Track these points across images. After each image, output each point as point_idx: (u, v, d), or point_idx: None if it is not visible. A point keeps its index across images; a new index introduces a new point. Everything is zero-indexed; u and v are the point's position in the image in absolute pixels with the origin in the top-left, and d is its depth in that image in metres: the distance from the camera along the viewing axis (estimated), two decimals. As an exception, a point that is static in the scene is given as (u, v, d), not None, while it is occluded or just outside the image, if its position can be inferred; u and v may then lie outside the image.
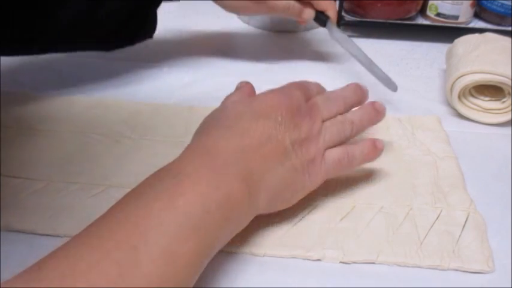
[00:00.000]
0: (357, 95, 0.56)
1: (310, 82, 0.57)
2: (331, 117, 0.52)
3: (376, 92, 0.73)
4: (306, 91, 0.54)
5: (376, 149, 0.53)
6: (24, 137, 0.62)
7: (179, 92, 0.74)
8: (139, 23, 0.70)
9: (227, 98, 0.55)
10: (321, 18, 0.74)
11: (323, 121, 0.52)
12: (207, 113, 0.67)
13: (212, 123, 0.49)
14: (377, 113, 0.56)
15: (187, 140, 0.62)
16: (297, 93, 0.52)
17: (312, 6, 0.73)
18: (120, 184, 0.56)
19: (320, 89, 0.57)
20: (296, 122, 0.49)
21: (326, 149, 0.51)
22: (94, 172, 0.58)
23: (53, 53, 0.70)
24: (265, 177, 0.46)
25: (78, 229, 0.50)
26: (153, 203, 0.38)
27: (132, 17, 0.69)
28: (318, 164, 0.50)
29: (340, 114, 0.53)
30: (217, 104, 0.70)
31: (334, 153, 0.51)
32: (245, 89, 0.56)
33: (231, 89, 0.75)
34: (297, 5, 0.72)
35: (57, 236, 0.50)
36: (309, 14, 0.74)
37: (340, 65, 0.84)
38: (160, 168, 0.44)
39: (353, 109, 0.55)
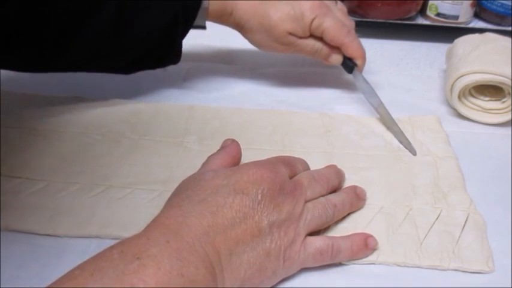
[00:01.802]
0: (338, 178, 0.55)
1: (296, 158, 0.55)
2: (313, 198, 0.50)
3: (379, 91, 0.74)
4: (292, 168, 0.51)
5: (367, 247, 0.49)
6: (24, 137, 0.63)
7: (179, 91, 0.74)
8: (164, 51, 0.69)
9: (210, 158, 0.53)
10: (348, 65, 0.71)
11: (305, 202, 0.49)
12: (207, 112, 0.68)
13: (187, 194, 0.46)
14: (358, 199, 0.54)
15: (187, 139, 0.63)
16: (282, 170, 0.49)
17: (340, 51, 0.70)
18: (120, 184, 0.56)
19: (305, 167, 0.55)
20: (277, 201, 0.46)
21: (306, 233, 0.47)
22: (94, 172, 0.58)
23: (74, 72, 0.69)
24: (233, 261, 0.42)
25: (78, 229, 0.51)
26: (112, 286, 0.35)
27: (158, 46, 0.67)
28: (296, 250, 0.46)
29: (322, 195, 0.51)
30: (217, 104, 0.70)
31: (317, 243, 0.47)
32: (229, 150, 0.54)
33: (231, 88, 0.75)
34: (324, 49, 0.70)
35: (57, 236, 0.51)
36: (336, 59, 0.71)
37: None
38: (124, 240, 0.40)
39: (335, 192, 0.54)
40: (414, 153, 0.62)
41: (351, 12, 0.93)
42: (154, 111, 0.68)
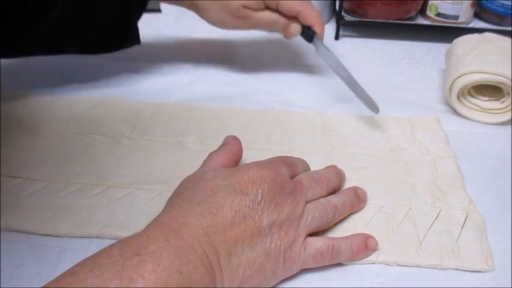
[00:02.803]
0: (338, 178, 0.55)
1: (297, 158, 0.55)
2: (314, 199, 0.50)
3: (379, 91, 0.74)
4: (293, 168, 0.52)
5: (367, 248, 0.49)
6: (24, 137, 0.63)
7: (179, 91, 0.74)
8: (121, 33, 0.69)
9: (211, 155, 0.53)
10: (308, 34, 0.72)
11: (306, 202, 0.49)
12: (206, 112, 0.68)
13: (187, 195, 0.46)
14: (359, 200, 0.54)
15: (187, 139, 0.63)
16: (283, 170, 0.49)
17: (298, 21, 0.71)
18: (120, 184, 0.56)
19: (305, 167, 0.55)
20: (278, 201, 0.46)
21: (307, 233, 0.47)
22: (94, 172, 0.58)
23: (37, 55, 0.70)
24: (232, 261, 0.42)
25: (78, 229, 0.51)
26: (111, 281, 0.35)
27: (115, 27, 0.68)
28: (296, 250, 0.46)
29: (322, 196, 0.51)
30: (216, 104, 0.70)
31: (317, 243, 0.47)
32: (230, 147, 0.54)
33: (231, 88, 0.75)
34: (282, 19, 0.71)
35: (57, 236, 0.51)
36: (295, 28, 0.72)
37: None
38: (124, 238, 0.40)
39: (336, 193, 0.54)
40: (376, 111, 0.63)
41: (351, 12, 0.93)
42: (154, 111, 0.68)
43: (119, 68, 0.78)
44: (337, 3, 0.92)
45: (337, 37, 0.93)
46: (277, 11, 0.70)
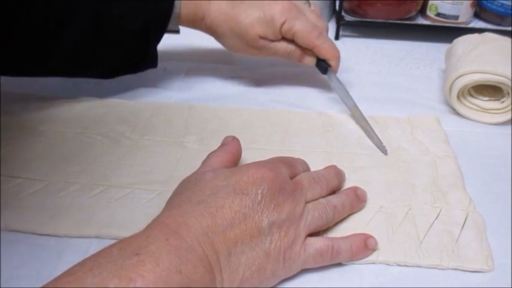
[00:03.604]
0: (338, 178, 0.55)
1: (297, 159, 0.55)
2: (313, 199, 0.50)
3: (379, 91, 0.74)
4: (292, 168, 0.52)
5: (367, 248, 0.49)
6: (24, 137, 0.63)
7: (179, 91, 0.74)
8: (140, 57, 0.69)
9: (210, 155, 0.53)
10: (322, 66, 0.71)
11: (306, 203, 0.49)
12: (206, 112, 0.68)
13: (186, 195, 0.46)
14: (359, 201, 0.54)
15: (187, 139, 0.63)
16: (283, 170, 0.49)
17: (313, 53, 0.70)
18: (120, 184, 0.56)
19: (305, 167, 0.55)
20: (278, 201, 0.46)
21: (307, 234, 0.47)
22: (94, 172, 0.58)
23: (56, 76, 0.70)
24: (232, 262, 0.42)
25: (77, 229, 0.51)
26: (111, 280, 0.35)
27: (133, 51, 0.68)
28: (296, 251, 0.46)
29: (322, 197, 0.51)
30: (216, 104, 0.70)
31: (317, 244, 0.47)
32: (229, 147, 0.54)
33: (231, 88, 0.75)
34: (297, 51, 0.70)
35: (57, 236, 0.51)
36: (309, 61, 0.72)
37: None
38: (124, 238, 0.40)
39: (336, 193, 0.54)
40: (385, 153, 0.62)
41: (351, 12, 0.93)
42: (154, 111, 0.68)
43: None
44: (337, 3, 0.92)
45: (337, 37, 0.93)
46: (293, 41, 0.69)
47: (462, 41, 0.73)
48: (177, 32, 0.70)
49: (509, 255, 0.50)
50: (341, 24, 0.92)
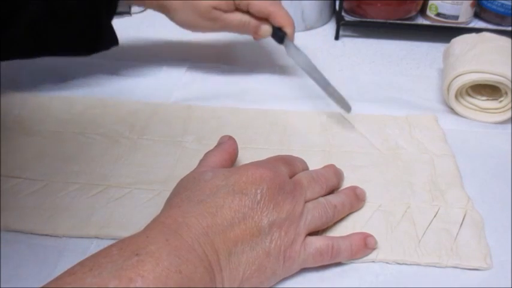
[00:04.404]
0: (337, 177, 0.55)
1: (296, 158, 0.55)
2: (313, 199, 0.50)
3: (379, 91, 0.74)
4: (292, 167, 0.52)
5: (366, 247, 0.49)
6: (23, 137, 0.63)
7: (178, 91, 0.75)
8: (96, 35, 0.69)
9: (206, 155, 0.53)
10: (278, 35, 0.71)
11: (305, 202, 0.49)
12: (205, 112, 0.68)
13: (186, 195, 0.46)
14: (358, 200, 0.54)
15: (186, 139, 0.63)
16: (282, 170, 0.49)
17: (268, 22, 0.70)
18: (119, 184, 0.57)
19: (304, 166, 0.55)
20: (277, 201, 0.46)
21: (306, 233, 0.47)
22: (93, 172, 0.58)
23: (11, 59, 0.70)
24: (232, 261, 0.42)
25: (77, 229, 0.51)
26: (111, 281, 0.35)
27: (88, 29, 0.68)
28: (296, 250, 0.46)
29: (321, 196, 0.51)
30: (215, 104, 0.70)
31: (317, 243, 0.47)
32: (226, 146, 0.54)
33: (229, 88, 0.75)
34: (252, 21, 0.70)
35: (57, 236, 0.51)
36: (265, 30, 0.71)
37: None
38: (123, 238, 0.40)
39: (335, 192, 0.54)
40: (348, 109, 0.63)
41: (351, 12, 0.93)
42: (152, 111, 0.68)
43: (118, 68, 0.78)
44: (337, 3, 0.93)
45: (337, 37, 0.93)
46: (247, 12, 0.69)
47: (460, 41, 0.73)
48: (129, 13, 0.70)
49: (507, 253, 0.50)
50: (341, 24, 0.92)
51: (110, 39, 0.71)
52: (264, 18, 0.70)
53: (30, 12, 0.63)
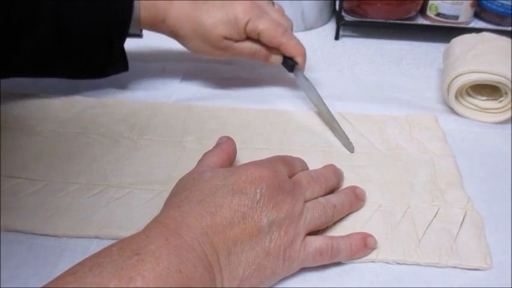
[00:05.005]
0: (336, 177, 0.55)
1: (295, 158, 0.55)
2: (312, 198, 0.50)
3: (378, 91, 0.74)
4: (291, 167, 0.52)
5: (366, 247, 0.49)
6: (23, 137, 0.63)
7: (178, 91, 0.75)
8: (105, 59, 0.69)
9: (205, 155, 0.53)
10: (289, 64, 0.71)
11: (305, 202, 0.49)
12: (205, 112, 0.68)
13: (185, 195, 0.46)
14: (358, 200, 0.54)
15: (186, 139, 0.63)
16: (281, 169, 0.49)
17: (279, 51, 0.70)
18: (119, 184, 0.57)
19: (304, 166, 0.55)
20: (277, 200, 0.46)
21: (306, 233, 0.47)
22: (93, 172, 0.58)
23: (22, 77, 0.70)
24: (232, 261, 0.43)
25: (77, 229, 0.51)
26: (111, 280, 0.35)
27: (98, 54, 0.68)
28: (296, 249, 0.46)
29: (321, 196, 0.51)
30: (215, 103, 0.70)
31: (316, 243, 0.47)
32: (225, 147, 0.54)
33: (229, 88, 0.75)
34: (263, 50, 0.70)
35: (57, 236, 0.51)
36: (276, 59, 0.71)
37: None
38: (124, 238, 0.40)
39: (334, 192, 0.54)
40: (352, 150, 0.62)
41: (351, 12, 0.93)
42: (152, 111, 0.68)
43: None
44: (337, 3, 0.93)
45: (337, 37, 0.93)
46: (258, 41, 0.69)
47: (460, 41, 0.73)
48: (140, 36, 0.70)
49: (507, 253, 0.50)
50: (341, 24, 0.92)
51: (120, 64, 0.70)
52: (275, 48, 0.70)
53: (39, 32, 0.63)
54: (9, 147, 0.61)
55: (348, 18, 0.92)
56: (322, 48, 0.90)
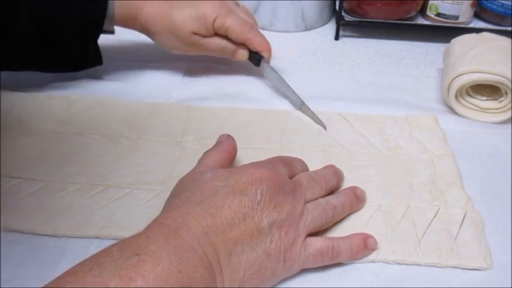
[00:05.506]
0: (336, 178, 0.55)
1: (295, 158, 0.55)
2: (313, 199, 0.50)
3: (378, 91, 0.74)
4: (291, 168, 0.52)
5: (366, 248, 0.49)
6: (23, 138, 0.63)
7: (178, 91, 0.75)
8: (81, 54, 0.71)
9: (205, 154, 0.53)
10: (255, 58, 0.75)
11: (305, 202, 0.49)
12: (205, 112, 0.68)
13: (185, 196, 0.46)
14: (358, 200, 0.54)
15: (185, 139, 0.63)
16: (282, 170, 0.49)
17: (245, 46, 0.74)
18: (118, 184, 0.57)
19: (304, 167, 0.55)
20: (277, 201, 0.46)
21: (306, 234, 0.47)
22: (93, 172, 0.58)
23: (1, 71, 0.72)
24: (232, 262, 0.42)
25: (77, 229, 0.51)
26: (111, 280, 0.35)
27: (73, 49, 0.70)
28: (297, 250, 0.46)
29: (321, 196, 0.51)
30: (215, 103, 0.70)
31: (317, 244, 0.47)
32: (225, 145, 0.54)
33: (229, 88, 0.75)
34: (230, 46, 0.74)
35: (57, 236, 0.51)
36: (242, 55, 0.75)
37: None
38: (124, 238, 0.40)
39: (335, 193, 0.54)
40: (324, 127, 0.66)
41: (351, 12, 0.93)
42: (152, 111, 0.68)
43: (117, 68, 0.78)
44: (337, 3, 0.93)
45: (337, 37, 0.93)
46: (225, 37, 0.72)
47: (460, 41, 0.73)
48: (112, 32, 0.73)
49: (508, 253, 0.50)
50: (341, 24, 0.92)
51: (95, 59, 0.73)
52: (242, 44, 0.73)
53: (19, 27, 0.65)
54: (9, 147, 0.61)
55: (348, 18, 0.92)
56: (322, 48, 0.90)
